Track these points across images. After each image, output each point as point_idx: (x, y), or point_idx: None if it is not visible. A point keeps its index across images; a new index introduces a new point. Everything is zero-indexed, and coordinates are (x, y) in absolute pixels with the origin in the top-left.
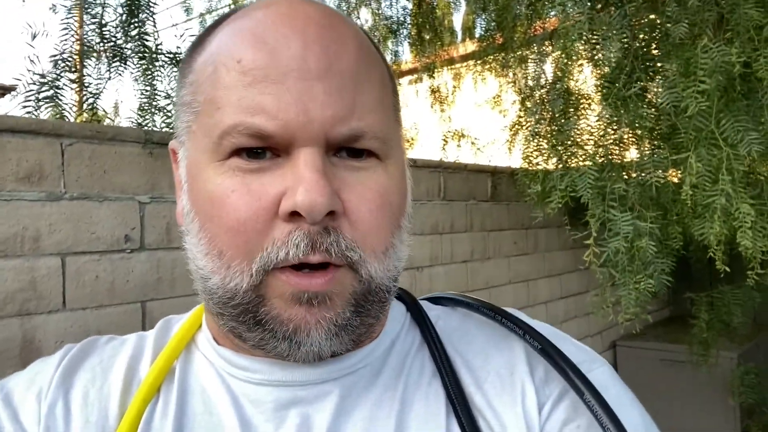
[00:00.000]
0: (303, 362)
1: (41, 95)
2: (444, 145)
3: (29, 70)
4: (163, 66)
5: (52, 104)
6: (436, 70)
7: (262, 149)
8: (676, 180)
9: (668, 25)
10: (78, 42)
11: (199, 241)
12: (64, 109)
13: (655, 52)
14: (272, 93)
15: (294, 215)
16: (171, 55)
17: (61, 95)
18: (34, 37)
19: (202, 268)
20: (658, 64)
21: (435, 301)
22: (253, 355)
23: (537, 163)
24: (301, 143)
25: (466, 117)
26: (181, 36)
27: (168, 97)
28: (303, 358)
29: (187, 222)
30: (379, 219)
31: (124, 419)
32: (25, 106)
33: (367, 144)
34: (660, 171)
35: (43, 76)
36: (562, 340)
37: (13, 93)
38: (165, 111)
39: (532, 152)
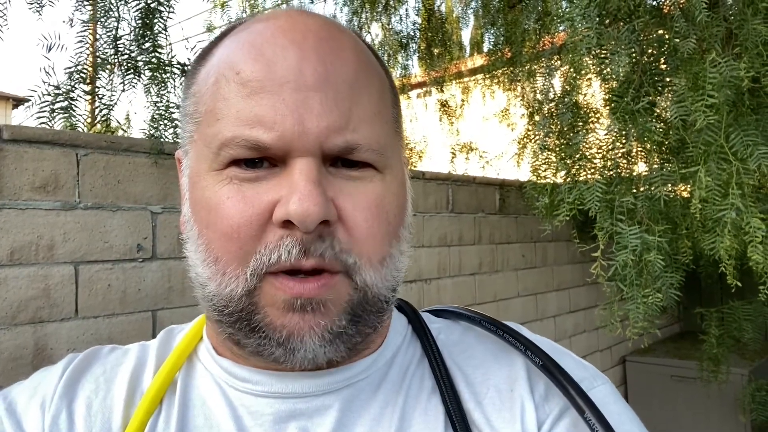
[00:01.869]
0: (299, 369)
1: (56, 106)
2: (452, 158)
3: (44, 82)
4: (173, 78)
5: (66, 115)
6: (444, 83)
7: (260, 159)
8: (685, 194)
9: (676, 40)
10: (92, 54)
11: (197, 248)
12: (78, 120)
13: (663, 66)
14: (269, 104)
15: (287, 223)
16: (182, 67)
17: (75, 106)
18: (49, 49)
19: (200, 275)
20: (667, 79)
21: (437, 313)
22: (253, 367)
23: (545, 177)
24: (297, 153)
25: (475, 130)
26: (193, 48)
27: (179, 108)
28: (299, 365)
29: (188, 229)
30: (375, 227)
31: (127, 431)
32: (39, 117)
33: (362, 156)
34: (669, 185)
35: (57, 87)
36: (563, 355)
37: (25, 104)
38: (177, 122)
39: (540, 165)
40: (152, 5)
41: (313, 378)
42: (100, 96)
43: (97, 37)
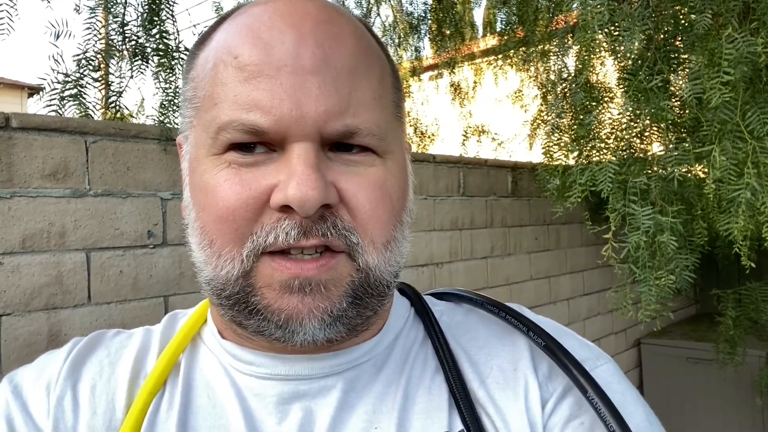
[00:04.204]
0: (300, 348)
1: (65, 94)
2: (464, 140)
3: (53, 70)
4: (181, 64)
5: (76, 103)
6: (456, 65)
7: (257, 144)
8: (701, 174)
9: (692, 15)
10: (101, 41)
11: (195, 232)
12: (87, 108)
13: (678, 43)
14: (266, 88)
15: (285, 208)
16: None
17: (85, 94)
18: (57, 36)
19: (198, 259)
20: (682, 56)
21: (439, 296)
22: (256, 349)
23: (558, 158)
24: (295, 138)
25: (487, 112)
26: (200, 34)
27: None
28: (299, 345)
29: (188, 214)
30: (379, 210)
31: (131, 411)
32: (49, 105)
33: (362, 141)
34: (684, 165)
35: (67, 75)
36: (566, 336)
37: (40, 93)
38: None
39: (552, 147)
40: None
41: (316, 361)
42: (109, 83)
43: (105, 23)
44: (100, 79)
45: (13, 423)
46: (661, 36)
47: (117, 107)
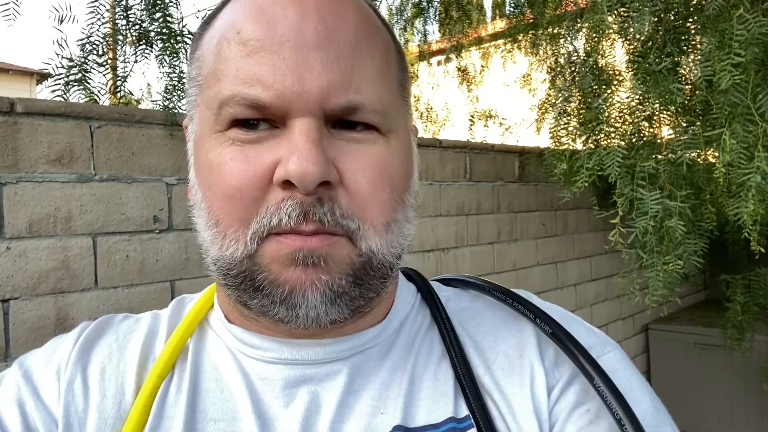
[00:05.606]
0: (304, 329)
1: (70, 78)
2: (471, 125)
3: (58, 54)
4: (185, 48)
5: (80, 88)
6: (464, 49)
7: (259, 120)
8: (710, 158)
9: None
10: (107, 24)
11: (201, 212)
12: (93, 93)
13: (689, 25)
14: (268, 63)
15: (288, 184)
16: (193, 37)
17: (90, 78)
18: (61, 21)
19: (205, 240)
20: (695, 38)
21: (446, 282)
22: (263, 334)
23: (565, 143)
24: (297, 113)
25: (494, 97)
26: (206, 15)
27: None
28: (303, 324)
29: (193, 194)
30: (379, 191)
31: (140, 395)
32: (54, 90)
33: (364, 117)
34: (693, 149)
35: (71, 60)
36: (573, 323)
37: (48, 79)
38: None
39: (560, 131)
40: None
41: (322, 346)
42: (115, 67)
43: (109, 8)
44: (104, 63)
45: (25, 407)
46: (672, 17)
47: (123, 92)
